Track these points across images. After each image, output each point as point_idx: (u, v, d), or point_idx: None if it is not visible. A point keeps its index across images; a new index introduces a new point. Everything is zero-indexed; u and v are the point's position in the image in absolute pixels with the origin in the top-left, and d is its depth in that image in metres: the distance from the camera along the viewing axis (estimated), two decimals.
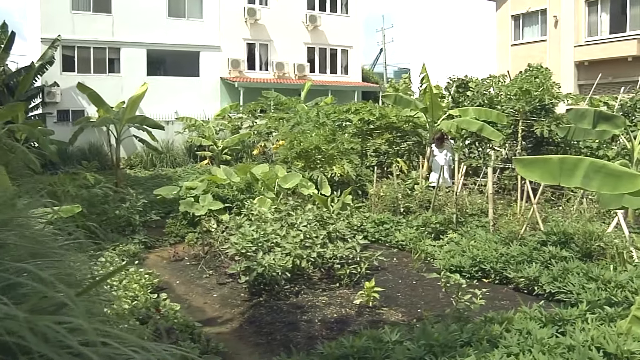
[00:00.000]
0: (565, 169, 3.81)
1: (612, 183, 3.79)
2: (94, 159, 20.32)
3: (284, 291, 6.47)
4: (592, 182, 3.79)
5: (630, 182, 3.78)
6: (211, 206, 9.60)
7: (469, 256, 6.79)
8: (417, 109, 11.62)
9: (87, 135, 21.31)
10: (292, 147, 10.88)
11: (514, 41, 25.73)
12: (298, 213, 7.56)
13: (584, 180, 3.79)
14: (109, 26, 23.66)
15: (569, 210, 8.43)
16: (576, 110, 8.43)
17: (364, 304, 5.88)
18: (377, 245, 8.76)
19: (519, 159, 3.88)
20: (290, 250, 6.53)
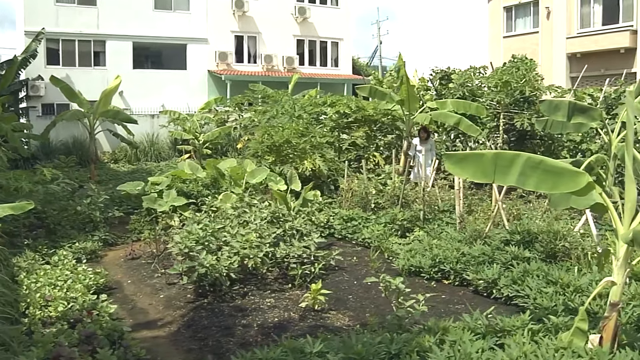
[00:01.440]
0: (500, 166, 3.46)
1: (551, 181, 3.44)
2: (76, 153, 20.03)
3: (231, 292, 6.18)
4: (529, 180, 3.44)
5: (571, 180, 3.43)
6: (174, 202, 9.29)
7: (429, 256, 6.47)
8: (393, 102, 11.26)
9: (71, 129, 21.01)
10: (263, 141, 10.53)
11: (506, 33, 25.29)
12: (253, 210, 7.22)
13: (519, 178, 3.44)
14: (94, 19, 23.29)
15: (539, 207, 8.08)
16: (549, 102, 8.03)
17: (310, 307, 5.57)
18: (343, 243, 8.45)
19: (449, 155, 3.53)
20: (238, 250, 6.21)
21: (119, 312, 5.99)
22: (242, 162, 10.18)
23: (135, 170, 18.11)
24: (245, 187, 9.65)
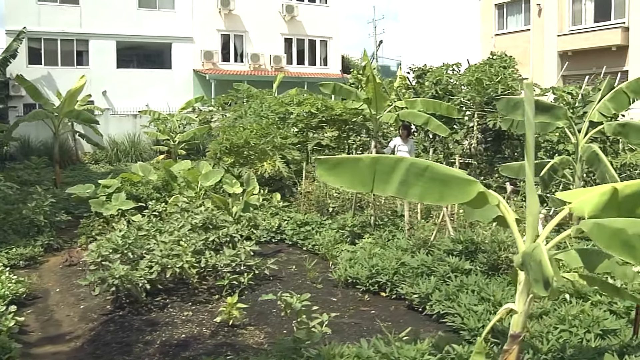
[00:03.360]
0: (381, 173, 2.98)
1: (438, 191, 2.96)
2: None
3: (152, 304, 5.76)
4: (413, 189, 2.96)
5: (460, 189, 2.95)
6: (122, 206, 8.89)
7: (367, 266, 6.01)
8: (359, 100, 10.78)
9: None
10: (221, 142, 10.11)
11: (497, 31, 24.73)
12: (184, 215, 6.79)
13: (401, 187, 2.96)
14: (76, 17, 22.96)
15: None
16: (507, 100, 7.54)
17: (225, 322, 5.14)
18: (293, 249, 8.02)
19: (321, 160, 3.06)
20: (158, 260, 5.78)
21: (31, 324, 5.65)
22: (197, 164, 9.76)
23: (112, 171, 17.72)
24: (199, 189, 9.24)
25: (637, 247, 2.58)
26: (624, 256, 2.59)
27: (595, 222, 2.68)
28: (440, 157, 12.93)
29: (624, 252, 2.59)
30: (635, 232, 2.58)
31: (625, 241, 2.60)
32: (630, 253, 2.59)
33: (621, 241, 2.60)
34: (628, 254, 2.59)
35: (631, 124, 7.78)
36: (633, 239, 2.58)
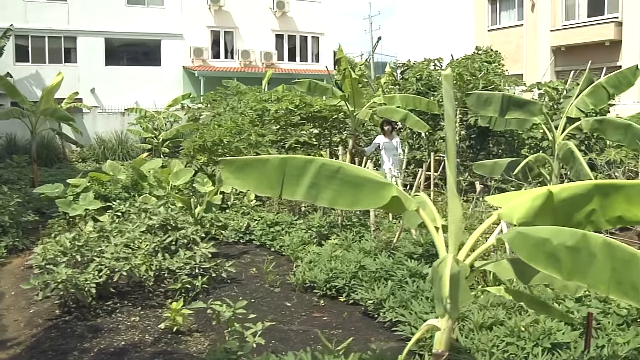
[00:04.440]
0: (290, 175, 2.74)
1: (351, 195, 2.71)
2: (42, 152, 19.52)
3: (101, 308, 5.55)
4: (324, 192, 2.71)
5: (373, 193, 2.70)
6: (89, 206, 8.66)
7: (325, 270, 5.77)
8: (336, 97, 10.54)
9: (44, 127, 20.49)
10: (195, 140, 9.88)
11: (490, 26, 24.44)
12: (142, 217, 6.57)
13: (310, 190, 2.71)
14: (64, 15, 22.72)
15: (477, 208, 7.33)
16: (478, 96, 7.26)
17: (169, 328, 4.91)
18: (260, 250, 7.79)
19: (227, 162, 2.81)
20: (107, 263, 5.56)
21: None
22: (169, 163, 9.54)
23: (96, 169, 17.53)
24: (169, 189, 9.01)
25: (562, 259, 2.33)
26: (549, 270, 2.34)
27: (518, 231, 2.43)
28: (425, 155, 12.69)
29: (548, 265, 2.35)
30: (560, 242, 2.33)
31: (549, 253, 2.35)
32: (554, 266, 2.34)
33: (545, 253, 2.35)
34: (552, 268, 2.34)
35: (608, 120, 7.52)
36: (558, 250, 2.33)
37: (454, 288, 2.02)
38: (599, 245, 2.31)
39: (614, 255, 2.28)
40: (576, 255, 2.31)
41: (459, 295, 2.10)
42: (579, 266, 2.30)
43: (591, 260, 2.29)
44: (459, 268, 2.22)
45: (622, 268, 2.25)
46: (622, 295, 2.24)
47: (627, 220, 2.81)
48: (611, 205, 2.74)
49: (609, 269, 2.26)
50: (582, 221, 2.73)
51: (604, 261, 2.28)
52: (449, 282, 1.99)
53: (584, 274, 2.30)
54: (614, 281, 2.25)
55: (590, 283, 2.29)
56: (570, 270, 2.31)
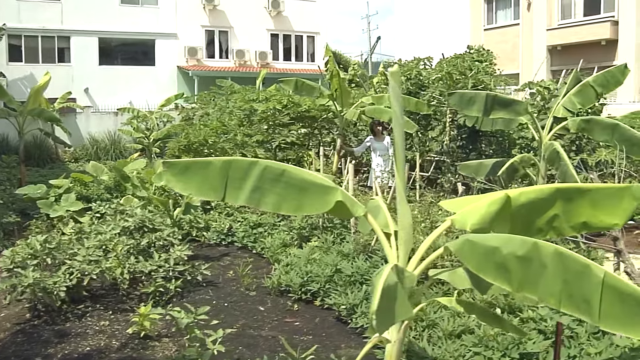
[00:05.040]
0: (233, 178, 2.61)
1: (296, 199, 2.58)
2: (35, 152, 19.44)
3: (72, 312, 5.44)
4: (267, 197, 2.58)
5: (318, 198, 2.58)
6: (70, 207, 8.55)
7: (301, 273, 5.65)
8: (324, 97, 10.41)
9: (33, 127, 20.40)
10: (180, 141, 9.77)
11: (487, 25, 24.30)
12: (117, 218, 6.45)
13: (253, 194, 2.58)
14: (57, 14, 22.61)
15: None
16: (461, 95, 7.14)
17: (137, 333, 4.79)
18: (241, 252, 7.66)
19: (170, 164, 2.69)
20: (78, 265, 5.44)
21: None
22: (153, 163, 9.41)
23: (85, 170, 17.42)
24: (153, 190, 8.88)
25: (512, 270, 2.18)
26: (498, 281, 2.20)
27: (467, 239, 2.30)
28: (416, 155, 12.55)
29: (497, 275, 2.20)
30: (510, 251, 2.19)
31: (499, 263, 2.20)
32: (504, 277, 2.19)
33: (495, 263, 2.21)
34: (502, 279, 2.19)
35: (596, 120, 7.39)
36: (508, 260, 2.19)
37: (387, 301, 1.89)
38: (550, 255, 2.17)
39: (565, 266, 2.14)
40: (527, 265, 2.17)
41: (395, 309, 1.97)
42: (530, 277, 2.16)
43: (542, 271, 2.15)
44: (399, 279, 2.08)
45: (573, 280, 2.11)
46: (574, 309, 2.10)
47: (593, 226, 2.67)
48: (575, 211, 2.61)
49: (560, 280, 2.12)
50: (543, 227, 2.60)
51: (555, 272, 2.14)
52: (380, 294, 1.85)
53: (534, 286, 2.16)
54: (565, 294, 2.11)
55: (541, 296, 2.15)
56: (520, 282, 2.17)
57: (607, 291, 2.05)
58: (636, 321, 2.00)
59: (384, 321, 1.86)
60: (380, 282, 1.93)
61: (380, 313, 1.80)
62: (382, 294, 1.86)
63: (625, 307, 2.02)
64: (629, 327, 2.03)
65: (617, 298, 2.03)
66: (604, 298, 2.04)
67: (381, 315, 1.81)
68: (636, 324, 2.01)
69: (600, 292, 2.05)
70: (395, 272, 2.07)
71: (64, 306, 5.46)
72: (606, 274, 2.08)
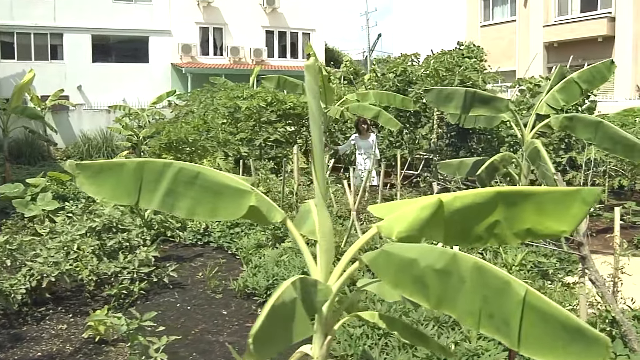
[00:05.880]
0: (148, 181, 2.45)
1: (210, 203, 2.41)
2: (26, 150, 19.32)
3: (32, 315, 5.30)
4: (181, 201, 2.41)
5: (233, 202, 2.40)
6: (46, 206, 8.40)
7: (267, 275, 5.49)
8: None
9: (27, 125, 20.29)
10: (161, 138, 9.62)
11: (483, 22, 24.04)
12: (83, 219, 6.29)
13: (167, 198, 2.42)
14: (50, 11, 22.47)
15: None
16: (438, 91, 6.94)
17: (93, 337, 4.65)
18: (217, 253, 7.51)
19: (83, 165, 2.53)
20: (38, 267, 5.30)
21: None
22: None
23: None
24: None
25: (430, 285, 1.99)
26: (415, 296, 2.01)
27: (382, 251, 2.12)
28: (406, 153, 12.37)
29: (415, 291, 2.01)
30: (428, 264, 2.00)
31: (417, 277, 2.01)
32: (422, 293, 2.00)
33: (412, 277, 2.02)
34: (420, 294, 2.00)
35: (578, 117, 7.19)
36: (426, 273, 2.00)
37: (278, 321, 1.71)
38: (469, 269, 1.97)
39: (485, 282, 1.94)
40: (445, 280, 1.98)
41: (291, 329, 1.79)
42: (448, 293, 1.97)
43: (461, 286, 1.96)
44: (307, 293, 1.91)
45: (493, 298, 1.91)
46: (493, 331, 1.89)
47: (538, 233, 2.45)
48: (518, 217, 2.39)
49: (480, 298, 1.92)
50: (483, 235, 2.39)
51: (475, 288, 1.94)
52: (267, 315, 1.66)
53: (453, 303, 1.96)
54: (485, 313, 1.91)
55: (459, 314, 1.95)
56: (439, 298, 1.98)
57: (528, 311, 1.85)
58: (559, 345, 1.80)
59: (269, 345, 1.68)
60: (270, 300, 1.76)
61: (263, 336, 1.62)
62: (269, 314, 1.68)
63: (547, 330, 1.82)
64: (551, 353, 1.82)
65: (538, 319, 1.83)
66: (525, 319, 1.84)
67: (265, 339, 1.63)
68: (559, 349, 1.80)
69: (521, 312, 1.85)
70: (299, 287, 1.90)
71: (24, 309, 5.33)
72: (528, 291, 1.88)
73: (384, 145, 12.31)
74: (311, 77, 2.30)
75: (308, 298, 1.95)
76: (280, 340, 1.74)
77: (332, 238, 2.45)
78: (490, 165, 6.99)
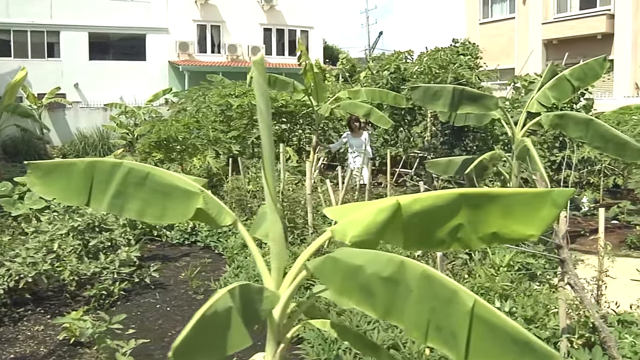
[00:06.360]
0: (98, 181, 2.38)
1: (160, 205, 2.33)
2: (22, 148, 19.28)
3: (12, 315, 5.24)
4: (130, 202, 2.34)
5: (182, 204, 2.32)
6: (34, 205, 8.33)
7: (247, 276, 5.41)
8: (298, 92, 10.14)
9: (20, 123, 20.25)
10: (150, 137, 9.54)
11: (482, 19, 23.88)
12: (65, 218, 6.22)
13: (116, 200, 2.35)
14: (47, 9, 22.39)
15: None
16: (425, 89, 6.83)
17: (67, 339, 4.57)
18: (203, 252, 7.44)
19: (34, 165, 2.45)
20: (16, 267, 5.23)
21: None
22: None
23: None
24: None
25: (377, 293, 1.88)
26: (362, 306, 1.90)
27: (329, 257, 2.03)
28: (400, 151, 12.27)
29: (361, 300, 1.91)
30: (375, 271, 1.90)
31: (363, 285, 1.90)
32: (369, 302, 1.89)
33: (359, 285, 1.91)
34: (367, 304, 1.90)
35: (569, 115, 7.07)
36: (372, 281, 1.89)
37: (207, 332, 1.62)
38: (417, 277, 1.86)
39: (433, 291, 1.83)
40: (393, 288, 1.87)
41: (227, 339, 1.69)
42: (396, 303, 1.86)
43: (408, 296, 1.85)
44: (249, 300, 1.82)
45: (441, 309, 1.80)
46: (441, 344, 1.78)
47: (504, 237, 2.33)
48: (483, 220, 2.27)
49: (428, 308, 1.82)
50: (445, 239, 2.27)
51: (422, 298, 1.83)
52: (193, 326, 1.57)
53: (400, 313, 1.85)
54: (433, 325, 1.80)
55: (406, 326, 1.84)
56: (386, 308, 1.87)
57: (476, 324, 1.74)
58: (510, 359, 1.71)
59: (196, 358, 1.59)
60: (201, 310, 1.67)
61: (189, 349, 1.53)
62: (197, 325, 1.60)
63: (496, 343, 1.71)
64: None
65: (487, 332, 1.72)
66: (473, 332, 1.73)
67: (191, 352, 1.54)
68: None
69: (469, 324, 1.73)
70: (238, 294, 1.81)
71: (2, 309, 5.27)
72: (476, 302, 1.77)
73: (379, 144, 12.22)
74: (259, 74, 2.21)
75: (251, 306, 1.86)
76: (211, 353, 1.66)
77: (284, 242, 2.36)
78: (479, 164, 6.89)
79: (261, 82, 2.22)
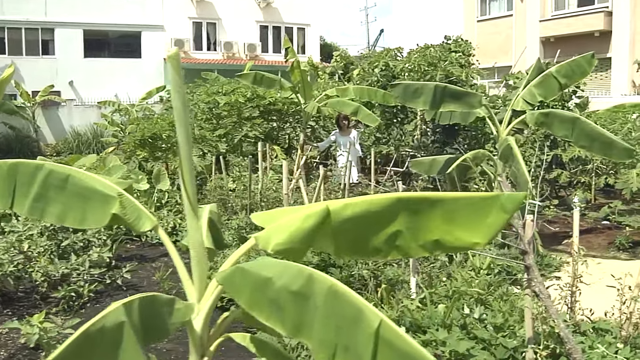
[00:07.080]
0: (21, 184, 2.27)
1: (80, 208, 2.22)
2: (16, 146, 19.23)
3: None
4: (51, 206, 2.23)
5: (100, 208, 2.21)
6: None
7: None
8: (284, 89, 10.01)
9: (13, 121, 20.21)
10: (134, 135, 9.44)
11: (480, 17, 23.68)
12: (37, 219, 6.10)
13: (37, 203, 2.24)
14: (41, 6, 22.32)
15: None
16: (405, 86, 6.68)
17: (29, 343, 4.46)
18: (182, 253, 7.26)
19: None
20: None
21: None
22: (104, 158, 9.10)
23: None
24: None
25: (285, 308, 1.74)
26: (271, 321, 1.77)
27: (238, 268, 1.89)
28: (391, 149, 12.13)
29: (270, 315, 1.77)
30: (284, 284, 1.75)
31: (272, 299, 1.77)
32: (277, 317, 1.76)
33: (268, 299, 1.78)
34: (275, 319, 1.76)
35: (555, 114, 6.91)
36: (281, 295, 1.75)
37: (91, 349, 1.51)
38: (324, 292, 1.72)
39: (339, 309, 1.69)
40: (301, 303, 1.73)
41: (116, 358, 1.58)
42: (305, 319, 1.72)
43: (315, 312, 1.71)
44: (140, 316, 1.70)
45: (347, 328, 1.65)
46: None
47: (448, 245, 2.16)
48: (424, 226, 2.09)
49: (334, 327, 1.67)
50: (382, 247, 2.09)
51: (329, 316, 1.69)
52: (73, 342, 1.46)
53: (309, 331, 1.70)
54: (341, 346, 1.65)
55: (314, 345, 1.69)
56: (295, 324, 1.73)
57: (382, 347, 1.59)
58: None
59: None
60: (83, 327, 1.54)
61: None
62: (75, 343, 1.48)
63: None
64: None
65: (393, 356, 1.58)
66: (379, 356, 1.59)
67: None
68: None
69: (374, 347, 1.59)
70: (137, 308, 1.69)
71: None
72: (382, 323, 1.61)
73: (370, 142, 12.08)
74: (174, 70, 2.08)
75: (155, 320, 1.74)
76: None
77: (204, 250, 2.24)
78: (462, 163, 6.75)
79: (177, 79, 2.10)
